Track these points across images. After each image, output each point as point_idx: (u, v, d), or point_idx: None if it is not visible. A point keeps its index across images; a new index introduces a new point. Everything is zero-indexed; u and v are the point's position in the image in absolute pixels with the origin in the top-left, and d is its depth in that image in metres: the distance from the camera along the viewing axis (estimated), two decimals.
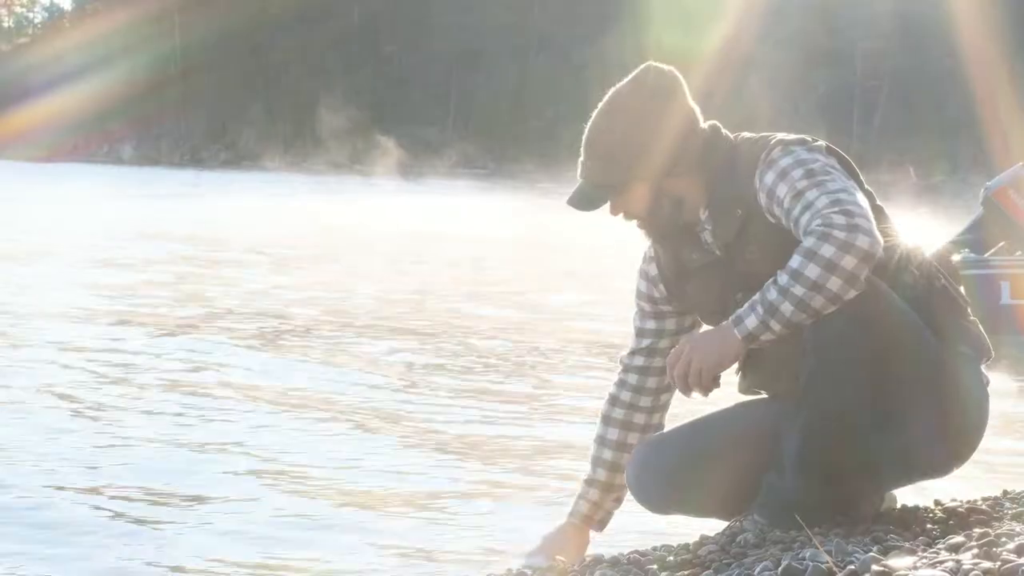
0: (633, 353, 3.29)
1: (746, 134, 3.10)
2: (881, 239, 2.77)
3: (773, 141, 2.98)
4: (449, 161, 56.58)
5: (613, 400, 3.31)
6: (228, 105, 65.15)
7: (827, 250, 2.72)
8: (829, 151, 2.98)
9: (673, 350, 2.96)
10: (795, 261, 2.76)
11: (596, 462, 3.33)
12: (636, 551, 3.10)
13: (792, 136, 3.00)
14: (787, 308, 2.77)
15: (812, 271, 2.73)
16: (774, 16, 49.77)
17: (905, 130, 47.71)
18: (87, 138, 60.16)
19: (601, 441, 3.32)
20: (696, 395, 2.95)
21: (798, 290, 2.75)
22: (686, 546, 3.03)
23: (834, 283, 2.74)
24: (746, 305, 2.84)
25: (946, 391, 2.93)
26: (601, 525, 3.36)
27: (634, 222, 3.14)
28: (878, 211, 2.98)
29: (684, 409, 3.31)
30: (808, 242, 2.75)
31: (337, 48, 67.46)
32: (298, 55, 67.02)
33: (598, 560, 3.08)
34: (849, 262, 2.73)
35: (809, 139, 2.99)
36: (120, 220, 20.48)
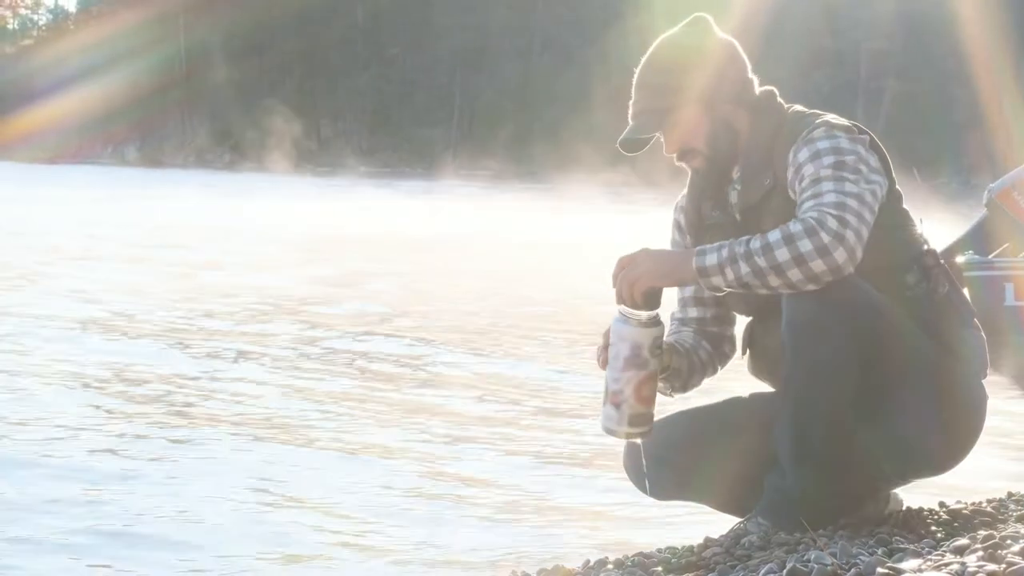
0: (684, 306, 3.26)
1: (798, 107, 3.11)
2: (860, 257, 2.77)
3: (819, 120, 2.99)
4: (453, 163, 56.60)
5: (676, 342, 3.20)
6: (232, 107, 65.17)
7: (805, 245, 2.74)
8: (872, 145, 2.98)
9: (631, 253, 2.92)
10: (774, 235, 2.78)
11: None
12: (641, 553, 3.11)
13: (841, 121, 3.00)
14: (744, 269, 2.79)
15: (782, 255, 2.76)
16: (778, 16, 49.76)
17: (909, 131, 47.68)
18: (91, 140, 60.22)
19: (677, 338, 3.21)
20: (623, 307, 2.86)
21: (762, 261, 2.77)
22: (691, 548, 3.03)
23: (795, 275, 2.76)
24: (716, 243, 2.85)
25: (939, 385, 2.93)
26: (670, 354, 3.10)
27: (686, 164, 3.12)
28: (903, 214, 3.01)
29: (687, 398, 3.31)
30: (794, 227, 2.77)
31: (341, 50, 67.51)
32: (302, 57, 67.05)
33: (603, 562, 3.08)
34: (818, 266, 2.74)
35: (856, 128, 2.99)
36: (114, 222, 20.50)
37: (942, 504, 3.21)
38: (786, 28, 50.43)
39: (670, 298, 3.09)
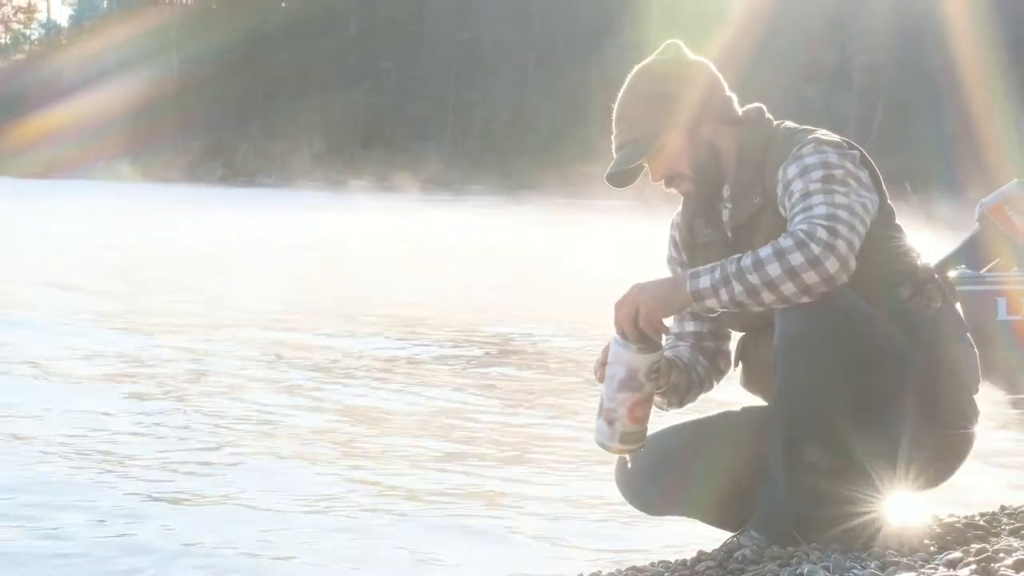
0: (681, 320, 3.26)
1: (789, 123, 3.13)
2: (853, 266, 2.78)
3: (810, 136, 3.00)
4: (447, 176, 56.63)
5: (675, 357, 3.20)
6: (225, 121, 65.24)
7: (796, 258, 2.76)
8: (863, 161, 2.99)
9: (624, 293, 2.92)
10: (764, 251, 2.79)
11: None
12: (634, 567, 3.11)
13: (831, 137, 3.01)
14: (737, 288, 2.80)
15: (774, 269, 2.77)
16: (771, 31, 49.93)
17: (901, 146, 47.80)
18: (84, 154, 60.22)
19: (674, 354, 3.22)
20: (631, 346, 2.87)
21: (754, 278, 2.78)
22: (684, 562, 3.03)
23: (788, 288, 2.77)
24: (709, 265, 2.87)
25: (931, 400, 2.94)
26: (669, 371, 3.10)
27: (675, 190, 3.14)
28: (896, 228, 3.02)
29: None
30: (784, 241, 2.78)
31: (334, 63, 67.62)
32: (295, 70, 67.15)
33: None
34: (810, 277, 2.76)
35: (846, 144, 3.00)
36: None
37: (935, 517, 3.21)
38: (779, 43, 50.58)
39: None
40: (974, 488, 4.28)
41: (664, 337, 2.95)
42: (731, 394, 3.34)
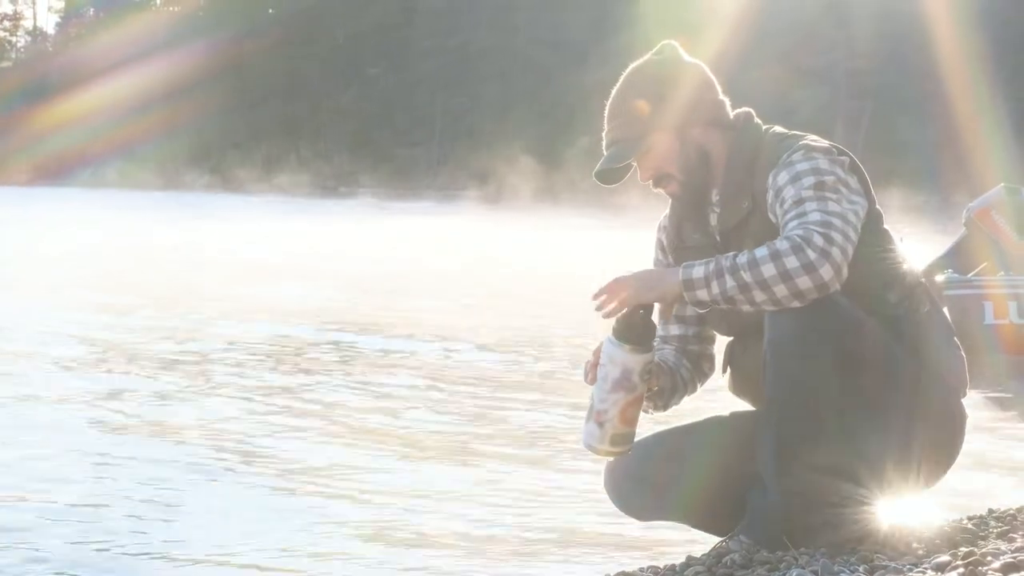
0: (666, 324, 3.26)
1: (778, 128, 3.14)
2: (845, 275, 2.80)
3: (799, 143, 3.01)
4: (433, 183, 56.62)
5: (660, 360, 3.19)
6: (212, 128, 65.15)
7: (791, 261, 2.77)
8: (852, 167, 3.00)
9: (615, 277, 2.93)
10: (760, 252, 2.80)
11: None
12: (623, 572, 3.11)
13: (821, 143, 3.03)
14: (730, 282, 2.81)
15: (768, 270, 2.78)
16: (759, 37, 50.03)
17: (888, 150, 47.92)
18: (70, 161, 60.10)
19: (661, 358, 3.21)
20: (625, 346, 2.89)
21: (747, 276, 2.80)
22: (673, 567, 3.03)
23: (781, 290, 2.79)
24: (704, 259, 2.88)
25: (919, 404, 2.94)
26: (659, 373, 3.12)
27: (662, 190, 3.14)
28: (883, 234, 3.03)
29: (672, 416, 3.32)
30: (781, 244, 2.80)
31: (321, 70, 67.58)
32: (282, 76, 67.10)
33: None
34: (804, 282, 2.77)
35: (835, 150, 3.01)
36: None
37: (923, 521, 3.22)
38: (766, 48, 50.68)
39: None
40: (962, 491, 4.29)
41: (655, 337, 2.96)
42: (720, 403, 3.34)
